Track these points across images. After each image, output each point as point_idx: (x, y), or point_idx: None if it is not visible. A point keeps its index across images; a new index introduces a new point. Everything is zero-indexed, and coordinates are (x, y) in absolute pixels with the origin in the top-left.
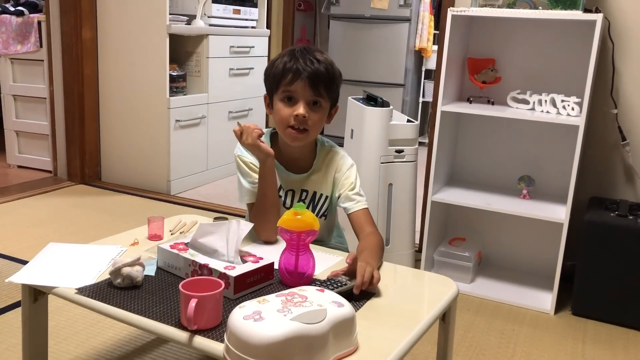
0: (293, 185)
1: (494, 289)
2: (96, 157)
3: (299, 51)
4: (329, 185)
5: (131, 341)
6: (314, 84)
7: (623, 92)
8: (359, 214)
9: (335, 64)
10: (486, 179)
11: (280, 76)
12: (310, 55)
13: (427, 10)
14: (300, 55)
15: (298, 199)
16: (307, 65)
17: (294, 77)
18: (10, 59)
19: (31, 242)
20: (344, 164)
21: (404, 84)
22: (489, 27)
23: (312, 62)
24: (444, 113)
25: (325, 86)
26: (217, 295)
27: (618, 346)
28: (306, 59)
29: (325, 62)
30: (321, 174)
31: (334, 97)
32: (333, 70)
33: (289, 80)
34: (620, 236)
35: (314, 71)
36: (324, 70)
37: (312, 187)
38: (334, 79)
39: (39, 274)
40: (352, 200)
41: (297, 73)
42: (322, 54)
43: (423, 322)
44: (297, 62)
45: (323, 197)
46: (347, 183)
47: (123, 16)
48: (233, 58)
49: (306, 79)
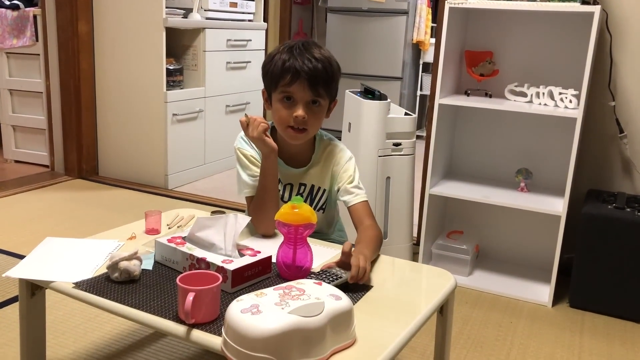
0: (291, 179)
1: (491, 282)
2: (93, 151)
3: (297, 48)
4: (328, 178)
5: (129, 335)
6: (312, 85)
7: (621, 85)
8: (358, 207)
9: (334, 59)
10: (484, 172)
11: (278, 76)
12: (309, 53)
13: (424, 3)
14: (298, 54)
15: (296, 192)
16: (305, 65)
17: (293, 78)
18: (6, 53)
19: (28, 236)
20: (343, 157)
21: (402, 77)
22: (486, 20)
23: (310, 60)
24: (442, 106)
25: (324, 85)
26: (215, 288)
27: (615, 338)
28: (304, 57)
29: (323, 60)
30: (320, 168)
31: (332, 93)
32: (332, 67)
33: (288, 82)
34: (617, 228)
35: (313, 71)
36: (322, 69)
37: (310, 181)
38: (332, 76)
39: (36, 269)
40: (351, 193)
41: (296, 74)
42: (320, 49)
43: (421, 315)
44: (296, 61)
45: (321, 190)
46: (346, 176)
47: (119, 10)
48: (230, 52)
49: (305, 80)
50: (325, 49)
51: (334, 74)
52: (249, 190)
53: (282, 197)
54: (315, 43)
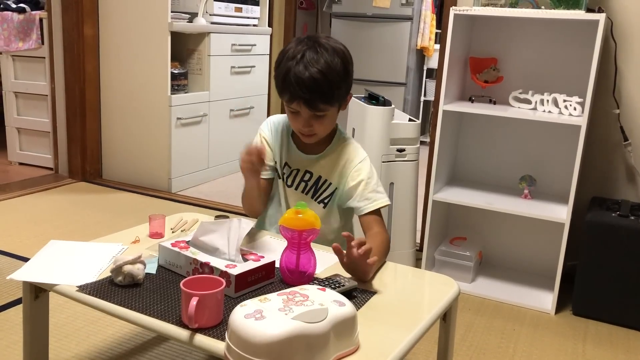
0: (300, 165)
1: (494, 289)
2: (97, 154)
3: (300, 55)
4: (337, 173)
5: (132, 339)
6: (311, 105)
7: (625, 92)
8: (367, 215)
9: (337, 62)
10: (487, 179)
11: (280, 90)
12: (310, 63)
13: (429, 9)
14: (295, 66)
15: (300, 179)
16: (302, 84)
17: (291, 98)
18: (12, 56)
19: (32, 239)
20: (357, 155)
21: (406, 83)
22: (491, 27)
23: (310, 76)
24: (446, 112)
25: (325, 101)
26: (218, 293)
27: (619, 347)
28: (304, 71)
29: (324, 70)
30: (331, 160)
31: (340, 98)
32: (333, 76)
33: (287, 100)
34: (621, 236)
35: (310, 90)
36: (321, 84)
37: (318, 171)
38: (334, 87)
39: (40, 272)
40: (368, 199)
41: (294, 94)
42: (324, 52)
43: (424, 322)
44: (294, 78)
45: (327, 183)
46: (357, 177)
47: (125, 13)
48: (235, 56)
49: (302, 101)
50: (331, 43)
51: (336, 83)
52: None
53: (285, 182)
54: (321, 41)
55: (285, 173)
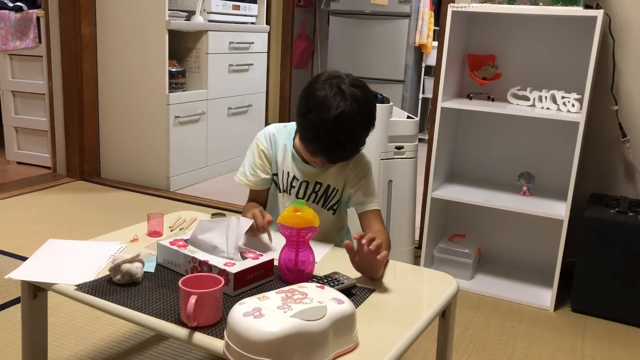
0: (308, 177)
1: (493, 286)
2: (95, 153)
3: (333, 118)
4: (341, 178)
5: (131, 338)
6: (334, 162)
7: (623, 89)
8: (369, 213)
9: (369, 125)
10: (486, 176)
11: (305, 139)
12: (344, 131)
13: (427, 6)
14: (325, 137)
15: (311, 190)
16: (334, 154)
17: (317, 154)
18: (9, 55)
19: (30, 238)
20: (361, 162)
21: (404, 80)
22: (489, 24)
23: (341, 149)
24: (444, 109)
25: (344, 160)
26: (217, 291)
27: (618, 343)
28: (336, 140)
29: (354, 139)
30: (337, 168)
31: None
32: (362, 142)
33: (312, 152)
34: (620, 233)
35: (339, 158)
36: (350, 153)
37: (327, 180)
38: (358, 151)
39: (39, 271)
40: (363, 202)
41: (321, 154)
42: (356, 115)
43: (423, 319)
44: (325, 144)
45: (335, 190)
46: (358, 182)
47: (122, 12)
48: (232, 54)
49: (327, 161)
50: (360, 93)
51: (361, 146)
52: (244, 180)
53: (296, 195)
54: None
55: (295, 186)
